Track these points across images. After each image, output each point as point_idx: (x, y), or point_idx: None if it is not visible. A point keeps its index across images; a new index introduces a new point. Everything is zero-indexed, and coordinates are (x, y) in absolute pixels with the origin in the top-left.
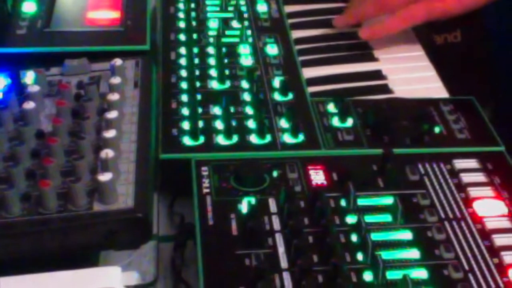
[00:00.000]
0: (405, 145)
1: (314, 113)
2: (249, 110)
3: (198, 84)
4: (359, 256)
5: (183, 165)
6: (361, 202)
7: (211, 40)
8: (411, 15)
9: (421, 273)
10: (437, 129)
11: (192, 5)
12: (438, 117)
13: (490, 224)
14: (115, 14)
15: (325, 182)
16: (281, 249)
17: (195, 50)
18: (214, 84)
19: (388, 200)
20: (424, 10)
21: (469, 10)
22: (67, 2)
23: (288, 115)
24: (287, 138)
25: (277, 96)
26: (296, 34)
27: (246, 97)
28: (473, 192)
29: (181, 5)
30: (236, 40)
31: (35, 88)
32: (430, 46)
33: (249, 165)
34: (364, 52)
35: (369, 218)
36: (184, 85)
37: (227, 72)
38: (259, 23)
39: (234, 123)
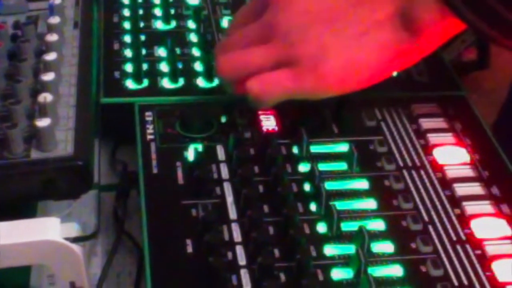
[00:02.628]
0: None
1: None
2: (195, 52)
3: (141, 24)
4: (312, 207)
5: (126, 110)
6: (314, 149)
7: None
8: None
9: (378, 225)
10: (394, 72)
11: None
12: None
13: (451, 173)
14: None
15: (276, 128)
16: (229, 199)
17: None
18: (159, 24)
19: (343, 147)
20: (291, 80)
21: (349, 92)
22: None
23: None
24: None
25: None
26: None
27: (193, 38)
28: (433, 138)
29: None
30: None
31: None
32: None
33: (196, 110)
34: None
35: (322, 166)
36: (127, 25)
37: (172, 11)
38: None
39: (180, 66)
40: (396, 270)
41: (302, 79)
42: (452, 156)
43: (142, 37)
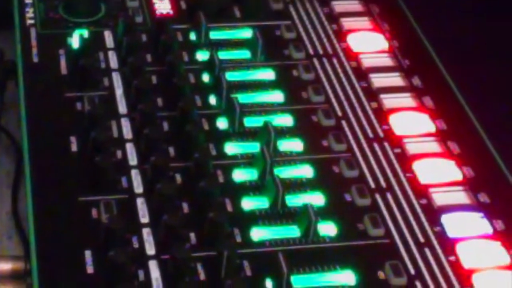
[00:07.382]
0: None
1: None
2: None
3: None
4: (212, 100)
5: None
6: (214, 35)
7: None
8: None
9: (285, 120)
10: None
11: None
12: None
13: (367, 62)
14: None
15: (171, 12)
16: (119, 91)
17: None
18: None
19: (246, 33)
20: None
21: None
22: None
23: None
24: None
25: None
26: None
27: None
28: (347, 23)
29: None
30: None
31: None
32: None
33: None
34: None
35: (223, 55)
36: None
37: None
38: None
39: None
40: (305, 171)
41: None
42: (368, 43)
43: None
